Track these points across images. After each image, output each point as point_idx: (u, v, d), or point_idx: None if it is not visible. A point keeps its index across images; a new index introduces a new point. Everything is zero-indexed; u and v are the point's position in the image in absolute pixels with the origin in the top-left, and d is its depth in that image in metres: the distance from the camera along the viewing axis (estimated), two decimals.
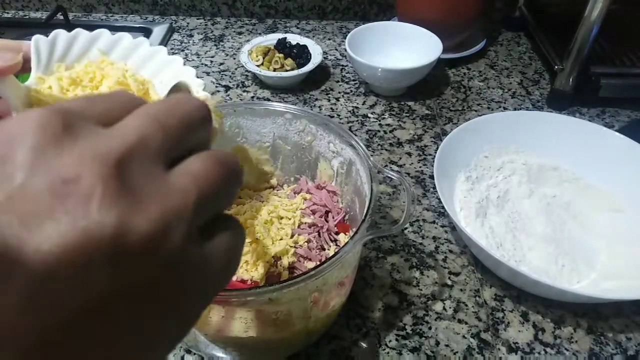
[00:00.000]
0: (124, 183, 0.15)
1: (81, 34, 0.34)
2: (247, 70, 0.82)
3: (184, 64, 0.35)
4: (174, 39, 0.93)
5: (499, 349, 0.46)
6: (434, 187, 0.54)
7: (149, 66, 0.35)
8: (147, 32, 0.92)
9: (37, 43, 0.32)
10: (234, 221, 0.20)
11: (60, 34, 0.33)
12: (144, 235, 0.15)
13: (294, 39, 0.84)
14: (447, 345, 0.46)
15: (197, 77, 0.35)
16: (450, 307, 0.49)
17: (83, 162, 0.15)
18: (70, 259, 0.14)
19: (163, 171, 0.17)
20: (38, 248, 0.13)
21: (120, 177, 0.15)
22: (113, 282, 0.15)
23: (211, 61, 0.87)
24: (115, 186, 0.15)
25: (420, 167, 0.66)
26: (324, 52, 0.85)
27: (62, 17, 0.87)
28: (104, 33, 0.35)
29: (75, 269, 0.14)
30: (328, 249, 0.48)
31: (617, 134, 0.60)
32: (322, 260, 0.44)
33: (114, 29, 0.40)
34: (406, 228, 0.57)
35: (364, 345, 0.46)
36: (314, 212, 0.50)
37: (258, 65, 0.78)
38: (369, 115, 0.75)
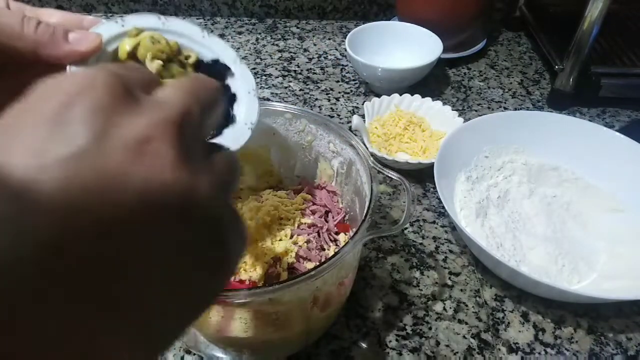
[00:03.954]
0: (187, 148, 0.17)
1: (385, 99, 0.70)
2: None
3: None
4: None
5: (499, 349, 0.46)
6: (434, 187, 0.54)
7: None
8: None
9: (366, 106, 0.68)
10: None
11: (375, 100, 0.68)
12: (205, 197, 0.17)
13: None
14: (447, 346, 0.46)
15: None
16: (450, 308, 0.49)
17: (150, 126, 0.16)
18: (149, 210, 0.15)
19: (203, 141, 0.20)
20: (123, 196, 0.14)
21: (184, 142, 0.17)
22: (181, 233, 0.16)
23: None
24: (183, 151, 0.17)
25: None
26: (324, 52, 0.85)
27: None
28: (395, 96, 0.70)
29: (153, 218, 0.15)
30: (328, 249, 0.48)
31: (617, 134, 0.60)
32: (322, 260, 0.44)
33: None
34: (406, 228, 0.57)
35: (364, 345, 0.46)
36: (313, 212, 0.50)
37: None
38: None
